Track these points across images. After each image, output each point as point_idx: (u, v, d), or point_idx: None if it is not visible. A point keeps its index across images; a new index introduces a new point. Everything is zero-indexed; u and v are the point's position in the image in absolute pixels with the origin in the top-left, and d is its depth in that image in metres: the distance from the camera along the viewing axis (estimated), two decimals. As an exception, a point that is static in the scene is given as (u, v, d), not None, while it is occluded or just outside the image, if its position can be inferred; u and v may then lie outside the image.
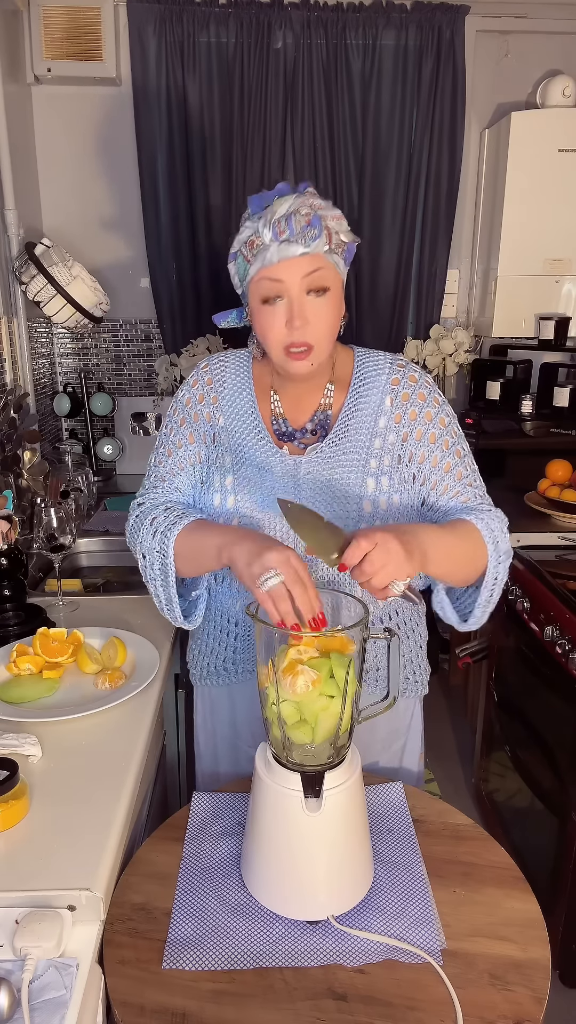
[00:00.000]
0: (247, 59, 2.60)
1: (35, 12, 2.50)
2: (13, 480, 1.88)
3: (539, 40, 2.75)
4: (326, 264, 1.05)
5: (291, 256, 1.03)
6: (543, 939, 0.89)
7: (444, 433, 1.18)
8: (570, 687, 1.68)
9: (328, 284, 1.06)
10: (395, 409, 1.18)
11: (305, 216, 1.02)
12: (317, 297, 1.06)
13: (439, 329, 2.86)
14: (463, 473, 1.18)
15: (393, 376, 1.19)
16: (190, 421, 1.23)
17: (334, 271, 1.07)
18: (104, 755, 1.12)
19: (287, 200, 1.04)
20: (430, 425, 1.17)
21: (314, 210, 1.04)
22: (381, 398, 1.18)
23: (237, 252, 1.08)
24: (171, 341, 2.86)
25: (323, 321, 1.07)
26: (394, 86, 2.69)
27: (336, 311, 1.09)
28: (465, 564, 1.10)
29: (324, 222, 1.04)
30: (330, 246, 1.05)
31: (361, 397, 1.19)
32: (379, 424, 1.17)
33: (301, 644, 0.89)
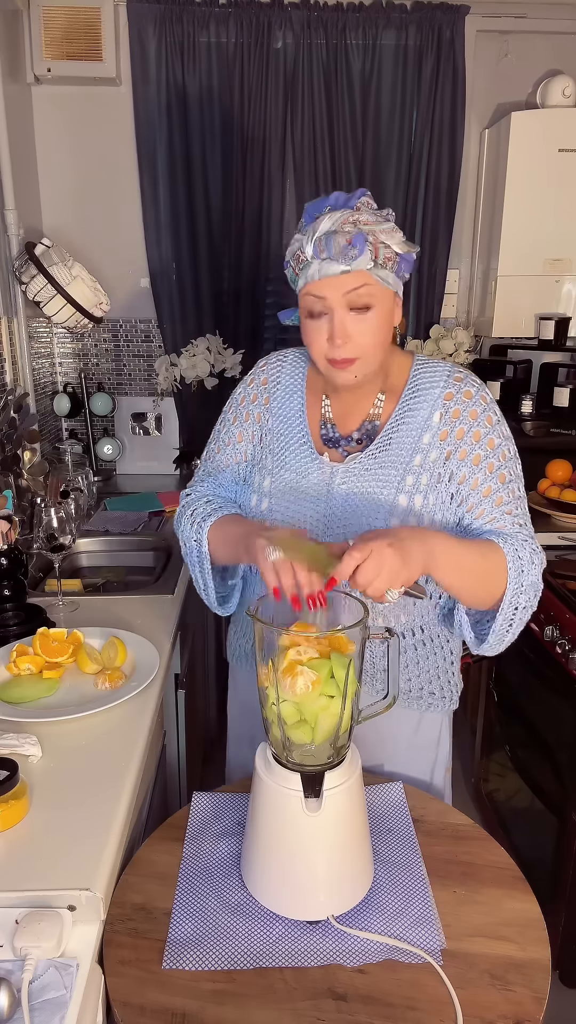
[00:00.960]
0: (247, 59, 2.59)
1: (35, 12, 2.50)
2: (13, 480, 1.88)
3: (539, 40, 2.75)
4: (371, 281, 1.04)
5: (331, 274, 1.02)
6: (543, 939, 0.89)
7: (490, 455, 1.13)
8: (570, 687, 1.68)
9: (371, 302, 1.05)
10: (443, 425, 1.14)
11: (348, 234, 1.01)
12: (360, 314, 1.05)
13: (439, 329, 2.86)
14: (503, 499, 1.13)
15: (447, 391, 1.14)
16: (241, 420, 1.26)
17: (379, 287, 1.05)
18: (104, 755, 1.12)
19: (331, 216, 1.03)
20: (476, 445, 1.13)
21: (358, 227, 1.02)
22: (430, 413, 1.14)
23: (288, 262, 1.09)
24: (171, 341, 2.86)
25: (366, 337, 1.06)
26: (394, 86, 2.69)
27: (382, 326, 1.08)
28: (479, 583, 1.07)
29: (370, 238, 1.02)
30: (376, 262, 1.03)
31: (410, 410, 1.15)
32: (423, 440, 1.14)
33: (302, 644, 0.89)
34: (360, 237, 1.01)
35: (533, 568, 1.09)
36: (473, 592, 1.08)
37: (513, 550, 1.07)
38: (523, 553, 1.08)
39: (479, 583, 1.07)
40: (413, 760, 1.28)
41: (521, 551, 1.08)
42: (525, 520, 1.14)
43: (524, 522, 1.14)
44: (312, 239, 1.03)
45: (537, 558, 1.10)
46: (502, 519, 1.12)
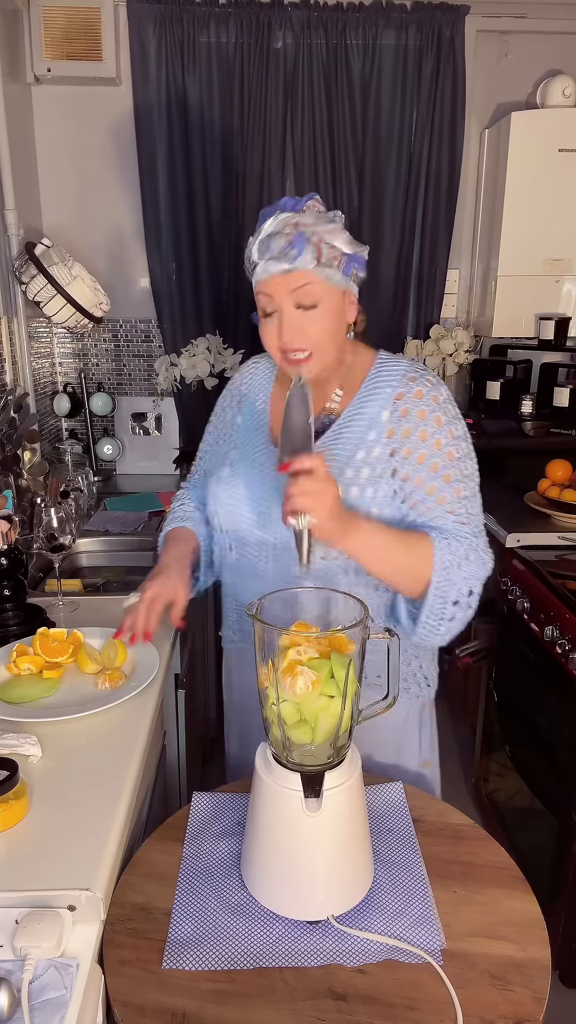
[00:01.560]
0: (247, 59, 2.60)
1: (35, 12, 2.50)
2: (13, 480, 1.88)
3: (539, 40, 2.75)
4: (315, 279, 1.08)
5: (274, 273, 1.07)
6: (543, 939, 0.89)
7: (435, 455, 1.15)
8: (570, 687, 1.68)
9: (317, 299, 1.09)
10: (390, 423, 1.16)
11: (287, 236, 1.06)
12: (307, 311, 1.10)
13: (439, 329, 2.86)
14: (446, 499, 1.15)
15: (399, 390, 1.17)
16: (218, 426, 1.38)
17: (325, 285, 1.09)
18: (104, 755, 1.11)
19: (274, 220, 1.08)
20: (421, 444, 1.15)
21: (299, 228, 1.07)
22: (379, 410, 1.17)
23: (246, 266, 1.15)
24: (171, 341, 2.86)
25: (315, 332, 1.11)
26: (394, 86, 2.69)
27: (332, 322, 1.12)
28: (401, 571, 1.11)
29: (311, 240, 1.06)
30: (319, 261, 1.07)
31: (363, 406, 1.19)
32: (369, 436, 1.17)
33: (302, 644, 0.89)
34: (300, 237, 1.06)
35: (468, 564, 1.12)
36: (394, 579, 1.13)
37: (445, 545, 1.11)
38: (457, 549, 1.11)
39: (400, 572, 1.11)
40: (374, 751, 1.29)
41: (455, 547, 1.11)
42: (470, 519, 1.16)
43: (468, 521, 1.16)
44: (257, 242, 1.09)
45: (475, 555, 1.13)
46: (443, 518, 1.15)
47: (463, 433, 1.18)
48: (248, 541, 1.24)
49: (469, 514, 1.16)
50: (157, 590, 1.24)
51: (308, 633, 0.91)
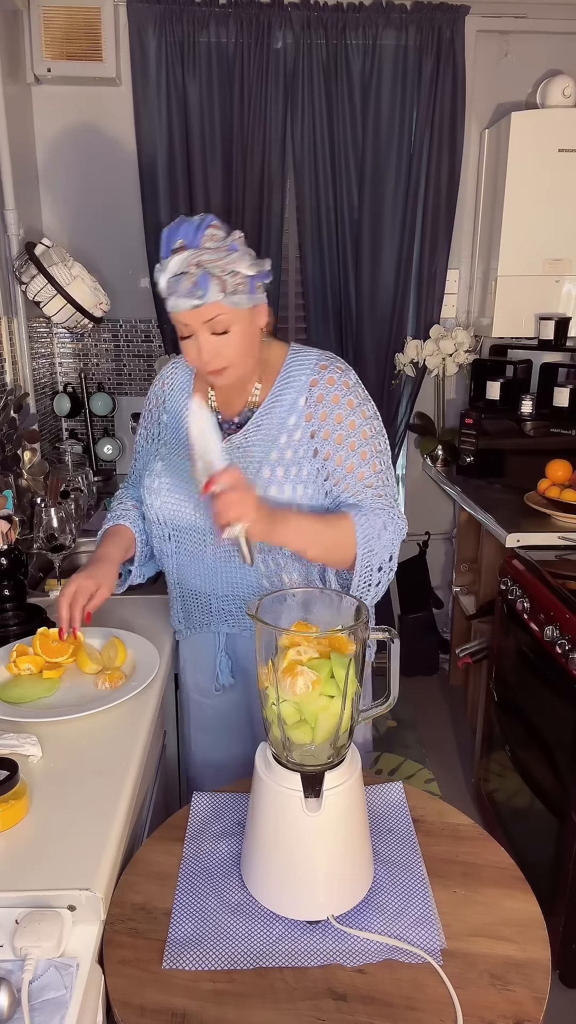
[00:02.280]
0: (247, 59, 2.59)
1: (35, 12, 2.50)
2: (13, 480, 1.88)
3: (539, 40, 2.75)
4: (224, 309, 1.16)
5: (185, 309, 1.15)
6: (543, 939, 0.89)
7: (351, 435, 1.25)
8: (570, 687, 1.68)
9: (227, 325, 1.17)
10: (307, 408, 1.26)
11: (192, 276, 1.12)
12: (221, 336, 1.18)
13: (439, 329, 2.86)
14: (364, 475, 1.26)
15: (312, 377, 1.27)
16: (147, 427, 1.47)
17: (233, 312, 1.17)
18: (104, 755, 1.12)
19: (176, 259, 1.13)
20: (338, 426, 1.25)
21: (202, 267, 1.12)
22: (296, 397, 1.27)
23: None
24: (171, 341, 2.86)
25: (231, 352, 1.20)
26: (394, 86, 2.69)
27: (245, 339, 1.21)
28: (330, 551, 1.23)
29: (213, 277, 1.13)
30: (225, 292, 1.14)
31: (281, 395, 1.28)
32: (289, 421, 1.27)
33: (302, 644, 0.89)
34: (204, 276, 1.12)
35: (386, 533, 1.24)
36: (326, 558, 1.25)
37: (364, 520, 1.22)
38: (375, 521, 1.23)
39: (330, 551, 1.23)
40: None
41: (374, 520, 1.23)
42: (386, 491, 1.29)
43: (385, 493, 1.28)
44: (165, 279, 1.14)
45: (392, 524, 1.25)
46: (363, 492, 1.27)
47: (373, 413, 1.30)
48: (185, 528, 1.34)
49: (384, 486, 1.29)
50: (81, 582, 1.30)
51: (308, 633, 0.91)
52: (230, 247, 1.16)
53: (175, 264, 1.13)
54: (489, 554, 2.57)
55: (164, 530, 1.37)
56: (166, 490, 1.34)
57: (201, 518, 1.31)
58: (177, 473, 1.33)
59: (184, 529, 1.35)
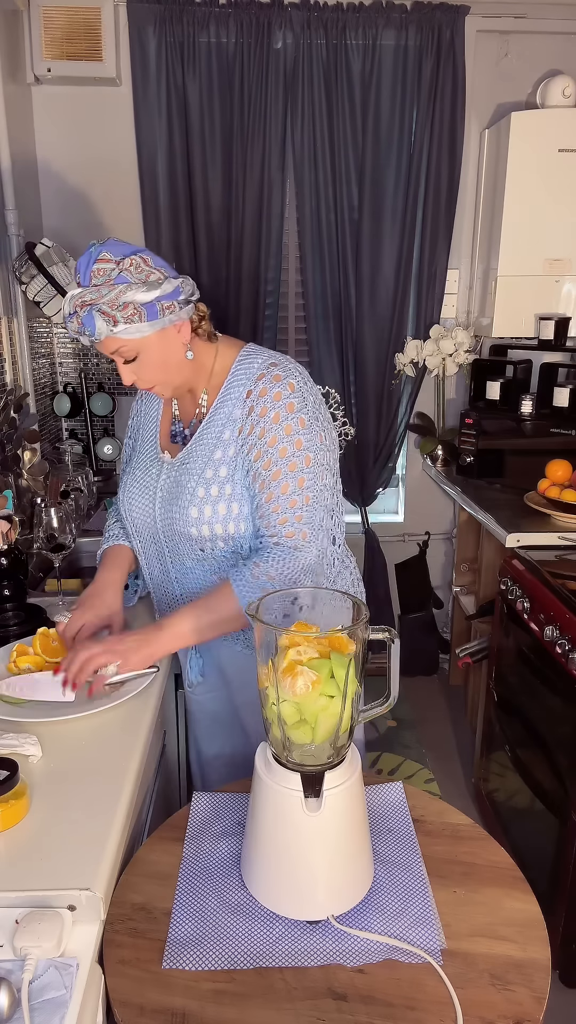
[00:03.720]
0: (247, 59, 2.59)
1: (35, 12, 2.50)
2: (13, 480, 1.88)
3: (539, 40, 2.75)
4: (122, 341, 1.17)
5: (87, 344, 1.18)
6: (543, 939, 0.89)
7: (269, 452, 1.22)
8: (570, 687, 1.68)
9: (132, 354, 1.19)
10: (241, 421, 1.24)
11: (77, 316, 1.13)
12: (131, 363, 1.21)
13: (439, 329, 2.86)
14: (280, 508, 1.23)
15: (249, 387, 1.24)
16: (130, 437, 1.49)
17: (134, 341, 1.18)
18: (104, 755, 1.12)
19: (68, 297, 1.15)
20: (259, 442, 1.22)
21: (86, 306, 1.12)
22: (233, 409, 1.25)
23: None
24: (171, 341, 2.86)
25: (147, 375, 1.22)
26: (394, 86, 2.69)
27: (159, 361, 1.21)
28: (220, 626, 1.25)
29: (100, 310, 1.12)
30: (115, 327, 1.14)
31: (221, 406, 1.27)
32: (224, 435, 1.26)
33: (302, 644, 0.89)
34: (89, 318, 1.13)
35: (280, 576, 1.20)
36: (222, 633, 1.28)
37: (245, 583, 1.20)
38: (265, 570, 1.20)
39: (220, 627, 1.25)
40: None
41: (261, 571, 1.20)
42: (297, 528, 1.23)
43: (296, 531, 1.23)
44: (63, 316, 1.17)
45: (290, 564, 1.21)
46: (268, 518, 1.24)
47: (305, 428, 1.23)
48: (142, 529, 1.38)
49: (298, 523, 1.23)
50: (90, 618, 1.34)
51: (308, 633, 0.91)
52: (117, 280, 1.13)
53: (66, 304, 1.16)
54: (489, 554, 2.57)
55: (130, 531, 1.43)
56: (128, 494, 1.39)
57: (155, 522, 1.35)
58: (133, 474, 1.39)
59: (141, 530, 1.39)
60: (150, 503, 1.35)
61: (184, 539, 1.31)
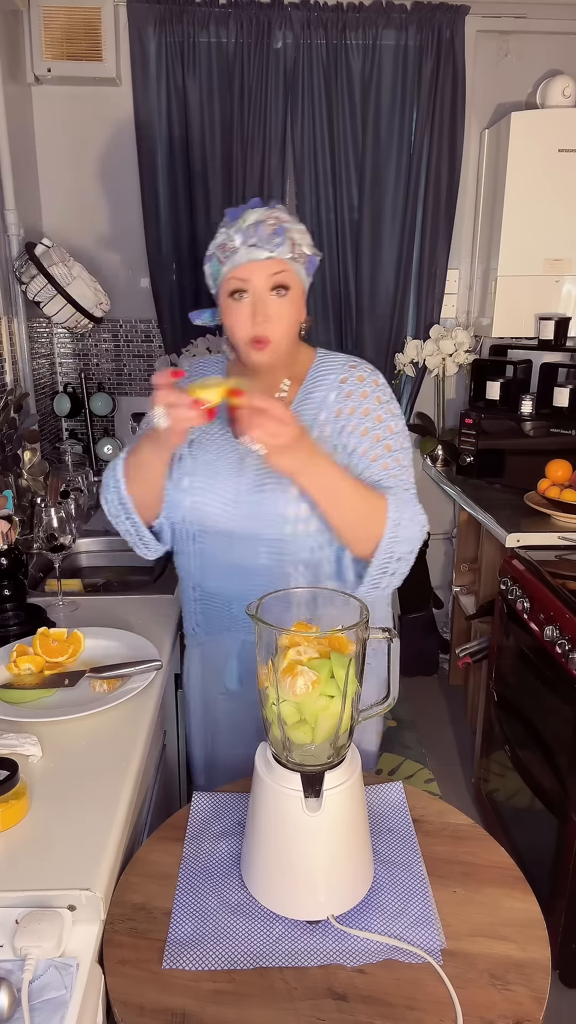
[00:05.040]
0: (247, 59, 2.59)
1: (35, 12, 2.50)
2: (13, 480, 1.88)
3: (539, 40, 2.75)
4: (288, 268, 1.19)
5: (257, 259, 1.17)
6: (543, 939, 0.89)
7: (376, 428, 1.26)
8: (570, 687, 1.68)
9: (289, 283, 1.20)
10: (337, 403, 1.27)
11: (271, 225, 1.17)
12: (279, 296, 1.19)
13: (439, 329, 2.86)
14: (388, 465, 1.25)
15: (342, 375, 1.29)
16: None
17: (295, 276, 1.21)
18: (104, 755, 1.12)
19: (257, 211, 1.19)
20: (364, 420, 1.26)
21: (280, 222, 1.18)
22: (326, 394, 1.28)
23: (212, 255, 1.22)
24: (171, 341, 2.86)
25: (283, 318, 1.20)
26: (394, 86, 2.69)
27: (295, 311, 1.23)
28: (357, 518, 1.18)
29: (288, 233, 1.18)
30: (293, 254, 1.19)
31: (310, 393, 1.29)
32: (320, 417, 1.27)
33: (302, 644, 0.89)
34: (282, 229, 1.17)
35: (413, 526, 1.21)
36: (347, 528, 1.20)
37: (396, 503, 1.20)
38: (404, 509, 1.20)
39: (355, 520, 1.19)
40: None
41: (402, 507, 1.20)
42: (409, 486, 1.26)
43: (408, 487, 1.26)
44: (241, 228, 1.17)
45: (420, 518, 1.23)
46: (387, 481, 1.24)
47: (399, 413, 1.31)
48: (212, 530, 1.30)
49: (409, 482, 1.27)
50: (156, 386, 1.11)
51: (308, 633, 0.91)
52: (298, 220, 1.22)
53: (254, 215, 1.17)
54: (489, 554, 2.57)
55: (190, 529, 1.33)
56: (198, 488, 1.29)
57: (231, 520, 1.27)
58: (207, 471, 1.29)
59: (211, 531, 1.30)
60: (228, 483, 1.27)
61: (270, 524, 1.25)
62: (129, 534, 1.35)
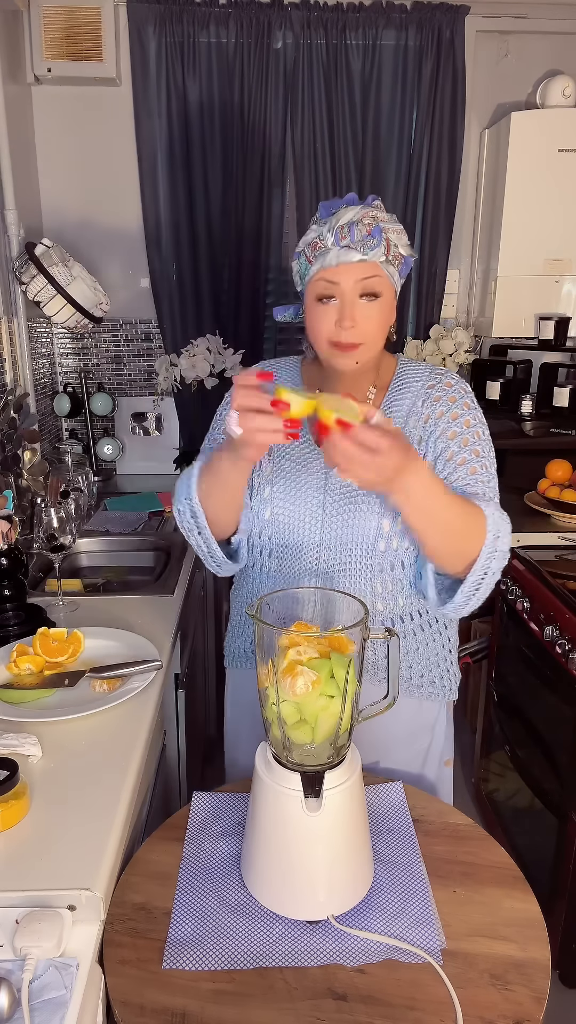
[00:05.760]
0: (247, 59, 2.59)
1: (35, 12, 2.50)
2: (13, 480, 1.88)
3: (539, 40, 2.75)
4: (381, 273, 1.11)
5: (349, 261, 1.09)
6: (543, 939, 0.89)
7: (465, 432, 1.20)
8: (570, 687, 1.68)
9: (380, 291, 1.12)
10: (424, 410, 1.21)
11: (367, 226, 1.09)
12: (368, 302, 1.11)
13: (439, 329, 2.86)
14: (476, 470, 1.19)
15: (429, 382, 1.23)
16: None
17: (387, 280, 1.12)
18: (104, 755, 1.12)
19: (352, 209, 1.10)
20: (453, 424, 1.20)
21: (376, 221, 1.10)
22: (414, 402, 1.22)
23: (301, 252, 1.15)
24: (171, 341, 2.86)
25: (371, 323, 1.12)
26: (394, 86, 2.69)
27: (385, 317, 1.14)
28: (451, 531, 1.08)
29: (385, 234, 1.10)
30: (387, 256, 1.11)
31: (396, 401, 1.23)
32: (408, 425, 1.21)
33: (302, 644, 0.89)
34: (378, 229, 1.09)
35: (506, 536, 1.13)
36: (446, 543, 1.10)
37: (493, 514, 1.11)
38: (500, 520, 1.12)
39: (452, 533, 1.09)
40: (404, 750, 1.31)
41: (498, 517, 1.12)
42: (495, 494, 1.20)
43: (495, 495, 1.20)
44: (335, 227, 1.09)
45: (508, 528, 1.14)
46: (475, 487, 1.18)
47: (485, 421, 1.25)
48: (292, 545, 1.22)
49: (495, 489, 1.21)
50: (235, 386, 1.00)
51: (308, 633, 0.91)
52: (396, 218, 1.13)
53: (348, 214, 1.09)
54: (489, 554, 2.56)
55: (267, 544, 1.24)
56: (279, 499, 1.21)
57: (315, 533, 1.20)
58: (289, 481, 1.21)
59: (290, 546, 1.22)
60: (312, 496, 1.20)
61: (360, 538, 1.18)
62: (200, 549, 1.22)
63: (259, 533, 1.24)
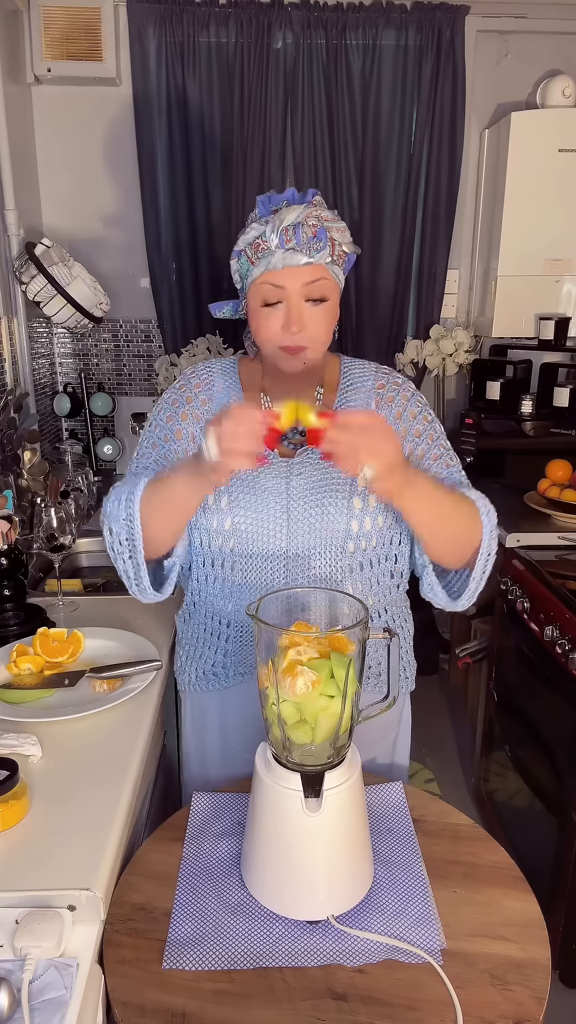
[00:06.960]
0: (247, 59, 2.59)
1: (35, 12, 2.50)
2: (13, 480, 1.88)
3: (539, 40, 2.75)
4: (327, 275, 1.09)
5: (295, 264, 1.06)
6: (543, 939, 0.89)
7: (428, 428, 1.22)
8: (570, 687, 1.68)
9: (327, 294, 1.10)
10: (380, 409, 1.21)
11: (312, 227, 1.06)
12: (315, 305, 1.10)
13: (439, 329, 2.86)
14: (449, 463, 1.22)
15: (378, 381, 1.24)
16: (178, 419, 1.22)
17: (332, 282, 1.11)
18: (104, 755, 1.12)
19: (296, 209, 1.07)
20: (414, 422, 1.22)
21: (321, 222, 1.07)
22: (367, 401, 1.22)
23: (241, 251, 1.11)
24: (171, 341, 2.86)
25: (319, 326, 1.11)
26: (394, 86, 2.69)
27: (331, 318, 1.13)
28: (450, 523, 1.11)
29: (329, 233, 1.08)
30: (332, 257, 1.09)
31: (349, 400, 1.23)
32: None
33: (302, 644, 0.89)
34: (323, 231, 1.07)
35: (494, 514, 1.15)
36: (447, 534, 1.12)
37: (477, 497, 1.14)
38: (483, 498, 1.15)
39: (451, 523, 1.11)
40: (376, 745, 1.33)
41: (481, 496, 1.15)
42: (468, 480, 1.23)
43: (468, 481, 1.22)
44: (278, 228, 1.05)
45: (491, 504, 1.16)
46: (453, 476, 1.21)
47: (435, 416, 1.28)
48: (255, 555, 1.17)
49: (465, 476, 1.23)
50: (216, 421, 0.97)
51: (308, 633, 0.91)
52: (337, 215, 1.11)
53: (292, 214, 1.06)
54: (489, 554, 2.56)
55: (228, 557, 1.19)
56: (239, 507, 1.16)
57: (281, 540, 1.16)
58: (248, 489, 1.16)
59: (255, 556, 1.17)
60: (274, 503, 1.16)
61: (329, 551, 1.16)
62: (126, 574, 1.16)
63: (219, 546, 1.18)
